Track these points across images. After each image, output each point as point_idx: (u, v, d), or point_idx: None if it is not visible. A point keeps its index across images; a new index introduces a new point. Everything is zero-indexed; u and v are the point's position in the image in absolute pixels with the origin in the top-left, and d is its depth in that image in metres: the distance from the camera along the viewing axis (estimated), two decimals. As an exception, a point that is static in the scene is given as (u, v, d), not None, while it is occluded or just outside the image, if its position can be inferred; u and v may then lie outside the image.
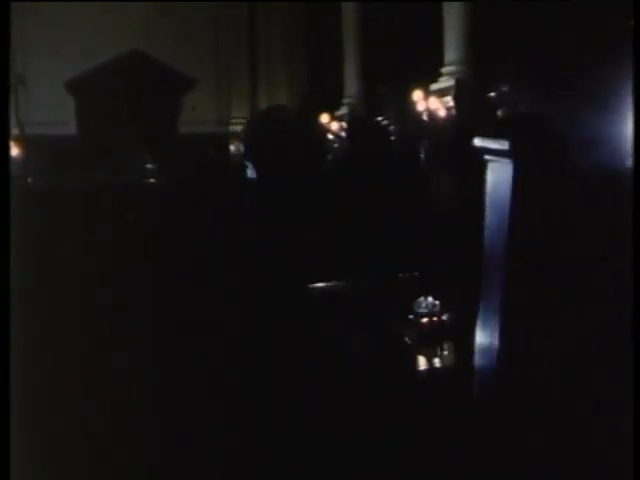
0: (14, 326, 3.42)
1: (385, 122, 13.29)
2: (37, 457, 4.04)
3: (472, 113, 10.93)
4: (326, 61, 16.09)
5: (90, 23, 15.77)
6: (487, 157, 4.69)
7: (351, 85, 14.72)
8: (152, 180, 14.44)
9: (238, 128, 16.60)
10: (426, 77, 11.87)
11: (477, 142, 4.78)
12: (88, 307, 5.59)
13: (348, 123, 14.09)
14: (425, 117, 11.26)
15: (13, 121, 14.98)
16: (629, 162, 3.90)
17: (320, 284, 7.68)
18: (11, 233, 3.48)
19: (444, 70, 11.63)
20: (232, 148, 15.93)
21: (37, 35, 15.72)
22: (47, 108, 15.10)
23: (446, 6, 11.67)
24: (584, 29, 9.73)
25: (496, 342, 4.42)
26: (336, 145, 14.47)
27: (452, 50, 11.47)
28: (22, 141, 14.60)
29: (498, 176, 4.55)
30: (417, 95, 11.18)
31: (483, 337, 4.64)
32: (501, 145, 4.52)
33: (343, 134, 14.12)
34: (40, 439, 4.17)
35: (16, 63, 15.21)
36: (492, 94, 11.06)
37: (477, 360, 4.67)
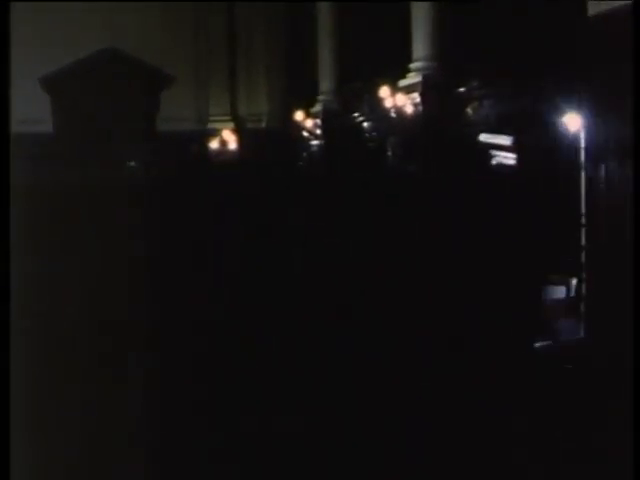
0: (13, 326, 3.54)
1: (358, 118, 13.41)
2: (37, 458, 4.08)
3: (439, 109, 11.07)
4: (303, 59, 16.22)
5: (71, 21, 15.84)
6: None
7: (325, 82, 14.83)
8: (131, 177, 14.52)
9: (217, 125, 16.70)
10: (397, 73, 11.99)
11: None
12: (85, 307, 5.58)
13: (322, 120, 14.21)
14: (393, 113, 11.39)
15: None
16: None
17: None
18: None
19: (412, 66, 11.73)
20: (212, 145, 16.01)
21: (19, 33, 15.78)
22: (25, 106, 15.15)
23: (414, 4, 11.80)
24: (550, 26, 9.86)
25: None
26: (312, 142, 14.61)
27: (420, 46, 11.57)
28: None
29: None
30: (384, 92, 11.28)
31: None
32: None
33: (317, 131, 14.25)
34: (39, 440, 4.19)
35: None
36: (460, 89, 11.21)
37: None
